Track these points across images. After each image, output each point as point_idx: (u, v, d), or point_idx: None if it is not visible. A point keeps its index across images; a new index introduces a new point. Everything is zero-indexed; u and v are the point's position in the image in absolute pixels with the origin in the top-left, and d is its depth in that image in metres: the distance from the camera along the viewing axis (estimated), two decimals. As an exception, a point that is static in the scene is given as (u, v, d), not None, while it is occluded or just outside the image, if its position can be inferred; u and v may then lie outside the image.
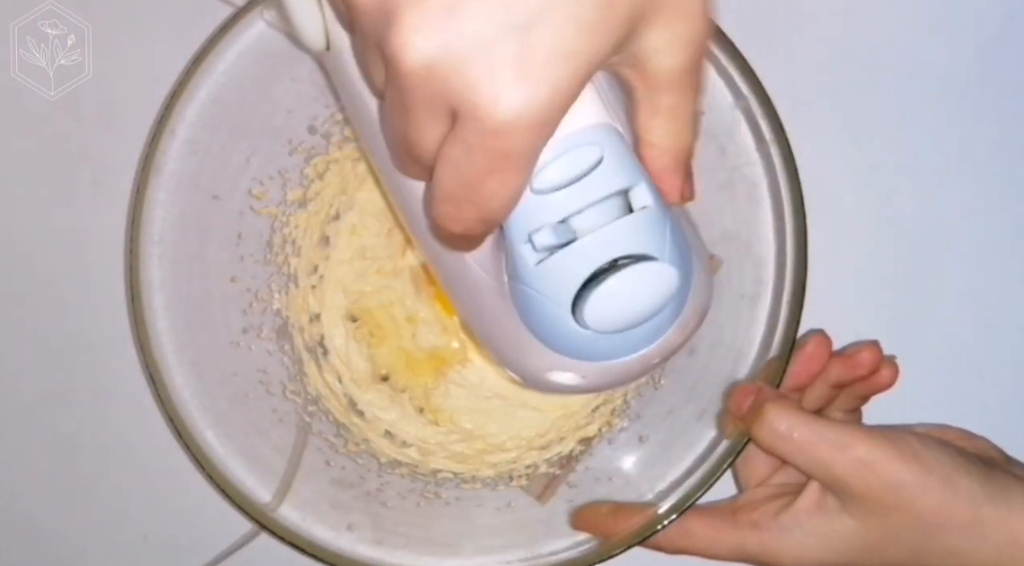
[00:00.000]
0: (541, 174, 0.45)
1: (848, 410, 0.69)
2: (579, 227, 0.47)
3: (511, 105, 0.39)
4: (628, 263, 0.47)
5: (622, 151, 0.47)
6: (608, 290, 0.47)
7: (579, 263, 0.47)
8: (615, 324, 0.49)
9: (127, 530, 0.78)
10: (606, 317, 0.49)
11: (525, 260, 0.48)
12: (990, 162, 0.76)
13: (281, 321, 0.74)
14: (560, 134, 0.44)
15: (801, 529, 0.62)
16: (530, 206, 0.46)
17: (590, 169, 0.46)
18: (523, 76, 0.39)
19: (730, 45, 0.65)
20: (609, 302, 0.48)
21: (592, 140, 0.46)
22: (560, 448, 0.73)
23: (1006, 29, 0.77)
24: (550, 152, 0.45)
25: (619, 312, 0.49)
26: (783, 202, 0.66)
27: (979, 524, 0.60)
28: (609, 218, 0.47)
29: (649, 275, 0.48)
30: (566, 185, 0.46)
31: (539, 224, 0.47)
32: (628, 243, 0.47)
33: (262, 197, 0.71)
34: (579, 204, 0.46)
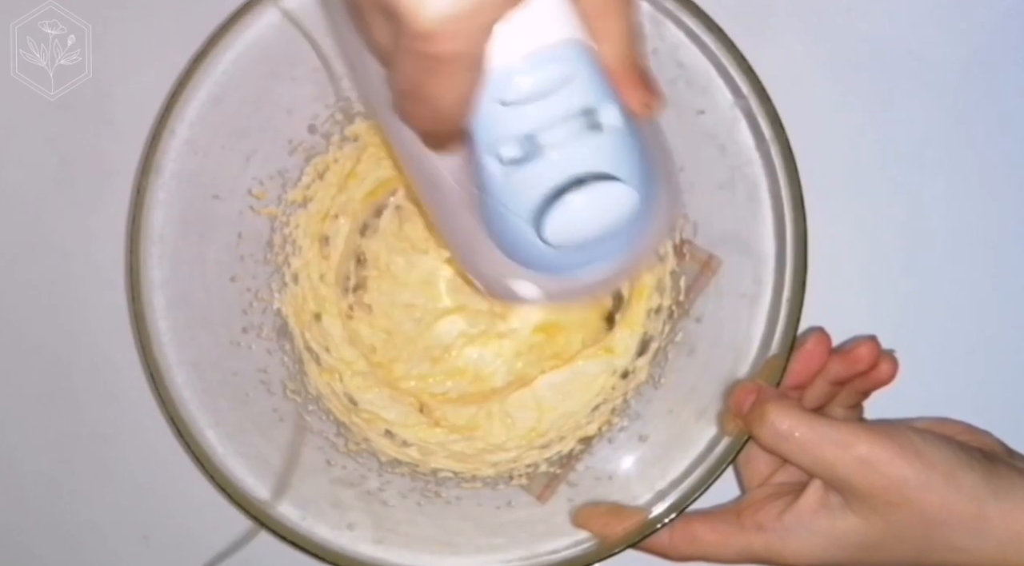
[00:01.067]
0: (510, 86, 0.45)
1: (849, 407, 0.69)
2: (545, 142, 0.46)
3: (431, 11, 0.40)
4: (591, 181, 0.47)
5: (593, 69, 0.47)
6: (568, 206, 0.47)
7: (543, 178, 0.47)
8: (573, 240, 0.49)
9: (128, 529, 0.78)
10: (565, 232, 0.48)
11: (490, 172, 0.48)
12: (991, 160, 0.77)
13: (281, 321, 0.74)
14: (531, 47, 0.45)
15: (806, 529, 0.62)
16: (497, 117, 0.46)
17: (560, 85, 0.46)
18: None
19: (730, 44, 0.65)
20: (569, 218, 0.48)
21: (564, 55, 0.46)
22: (560, 447, 0.73)
23: (1007, 28, 0.77)
24: (520, 65, 0.45)
25: (578, 228, 0.49)
26: (783, 201, 0.66)
27: (982, 519, 0.60)
28: (576, 135, 0.47)
29: (610, 195, 0.48)
30: (535, 99, 0.46)
31: (506, 136, 0.47)
32: (593, 161, 0.47)
33: (262, 197, 0.71)
34: (547, 119, 0.46)
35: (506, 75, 0.45)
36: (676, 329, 0.72)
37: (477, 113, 0.46)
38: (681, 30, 0.66)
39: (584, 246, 0.50)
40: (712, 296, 0.70)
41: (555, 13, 0.45)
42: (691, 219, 0.71)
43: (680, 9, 0.66)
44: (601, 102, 0.47)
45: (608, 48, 0.47)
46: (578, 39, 0.46)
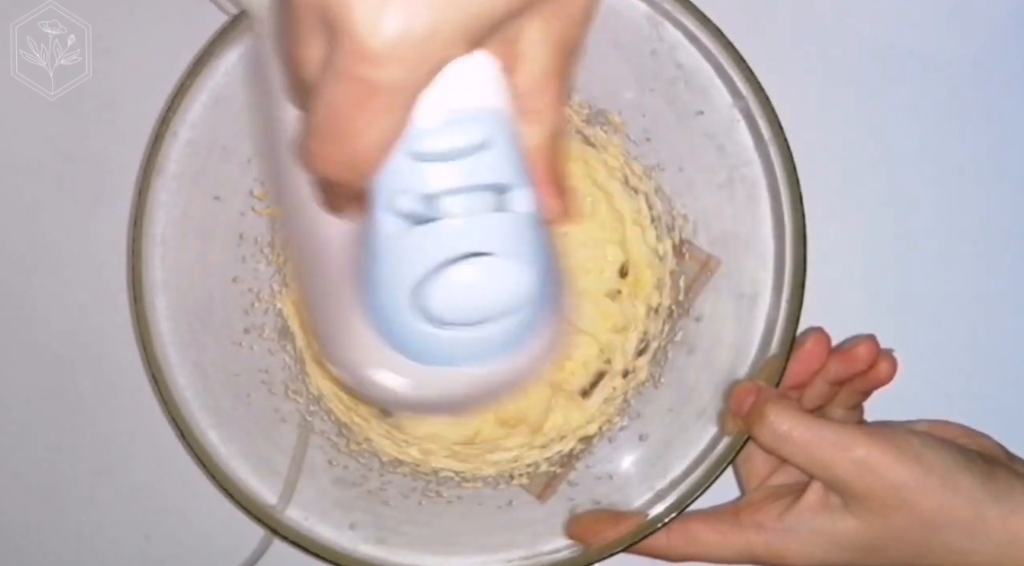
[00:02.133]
0: (422, 139, 0.43)
1: (849, 407, 0.69)
2: (448, 208, 0.43)
3: (385, 31, 0.38)
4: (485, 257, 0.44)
5: (511, 146, 0.44)
6: (458, 275, 0.44)
7: (436, 245, 0.44)
8: (457, 316, 0.46)
9: (129, 529, 0.78)
10: (447, 307, 0.45)
11: (383, 227, 0.45)
12: (990, 160, 0.77)
13: (283, 321, 0.74)
14: (452, 105, 0.42)
15: (806, 529, 0.62)
16: (402, 170, 0.43)
17: (474, 150, 0.43)
18: (401, 9, 0.38)
19: (729, 45, 0.66)
20: (456, 289, 0.44)
21: (484, 122, 0.43)
22: (560, 447, 0.73)
23: (1007, 28, 0.77)
24: (437, 119, 0.43)
25: (463, 304, 0.45)
26: (782, 201, 0.66)
27: (981, 523, 0.60)
28: (481, 209, 0.44)
29: (505, 273, 0.45)
30: (446, 159, 0.43)
31: (404, 188, 0.44)
32: (493, 240, 0.44)
33: (264, 198, 0.71)
34: (454, 183, 0.43)
35: (422, 127, 0.42)
36: (676, 328, 0.72)
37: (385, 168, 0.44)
38: (680, 31, 0.66)
39: (465, 328, 0.47)
40: (712, 296, 0.70)
41: (486, 80, 0.43)
42: (691, 219, 0.71)
43: (679, 10, 0.66)
44: (514, 182, 0.44)
45: (533, 132, 0.45)
46: (503, 109, 0.44)
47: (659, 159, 0.71)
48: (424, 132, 0.43)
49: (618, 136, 0.72)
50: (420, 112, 0.42)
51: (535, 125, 0.45)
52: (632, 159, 0.72)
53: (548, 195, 0.46)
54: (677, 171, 0.71)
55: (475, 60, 0.42)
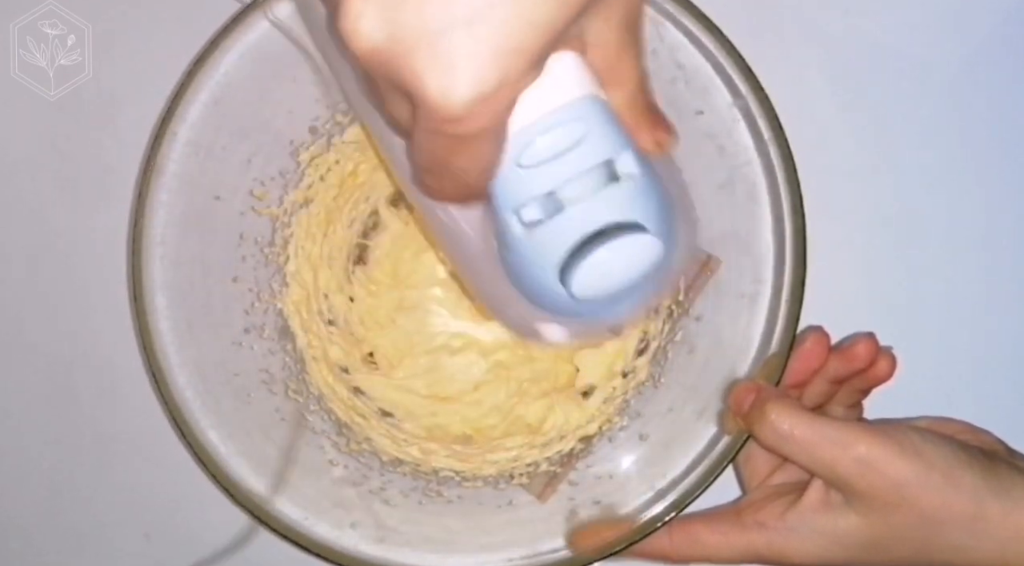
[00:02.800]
0: (527, 150, 0.46)
1: (849, 405, 0.69)
2: (566, 199, 0.47)
3: (456, 98, 0.40)
4: (614, 233, 0.48)
5: (606, 121, 0.47)
6: (593, 261, 0.48)
7: (565, 233, 0.48)
8: (601, 292, 0.50)
9: (129, 529, 0.78)
10: (592, 286, 0.49)
11: (513, 231, 0.49)
12: (989, 159, 0.77)
13: (283, 321, 0.74)
14: (546, 108, 0.45)
15: (809, 527, 0.62)
16: (516, 180, 0.47)
17: (576, 143, 0.46)
18: (468, 69, 0.40)
19: (728, 45, 0.66)
20: (595, 272, 0.48)
21: (577, 114, 0.46)
22: (560, 446, 0.73)
23: (1006, 27, 0.77)
24: (536, 128, 0.45)
25: (605, 281, 0.49)
26: (782, 201, 0.66)
27: (982, 519, 0.60)
28: (595, 188, 0.47)
29: (634, 246, 0.48)
30: (552, 158, 0.46)
31: (526, 197, 0.47)
32: (613, 212, 0.48)
33: (263, 198, 0.71)
34: (565, 176, 0.47)
35: (523, 139, 0.45)
36: (676, 328, 0.72)
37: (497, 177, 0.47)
38: (680, 31, 0.66)
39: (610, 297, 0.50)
40: (712, 295, 0.70)
41: (566, 72, 0.45)
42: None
43: (679, 10, 0.66)
44: (617, 152, 0.47)
45: (619, 95, 0.48)
46: (589, 94, 0.46)
47: (659, 159, 0.71)
48: (526, 143, 0.46)
49: (618, 136, 0.72)
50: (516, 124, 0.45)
51: (621, 88, 0.48)
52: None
53: (645, 135, 0.49)
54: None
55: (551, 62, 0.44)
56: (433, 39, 0.39)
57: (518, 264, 0.51)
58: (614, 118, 0.48)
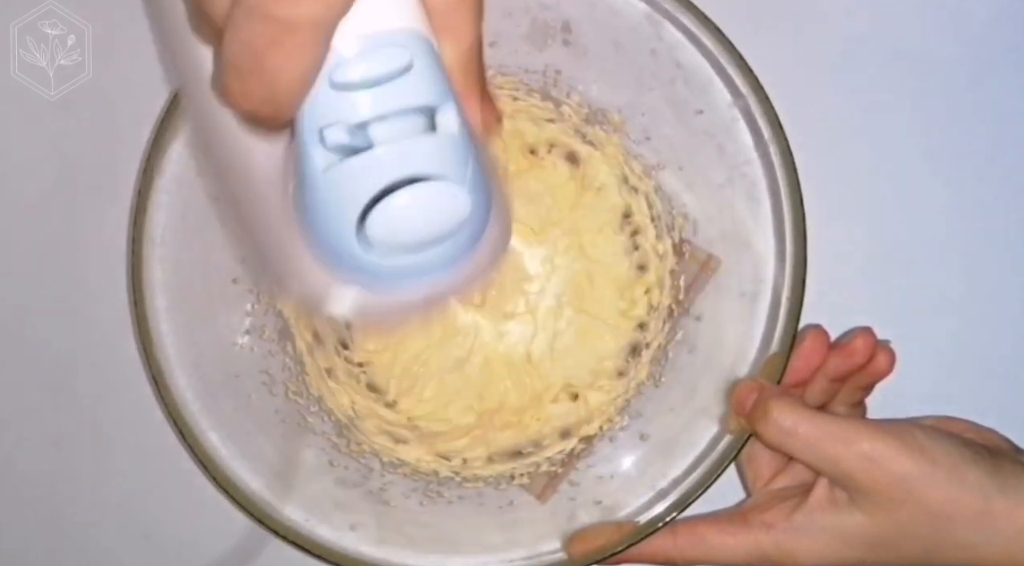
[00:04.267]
0: (342, 68, 0.42)
1: (851, 404, 0.69)
2: (377, 136, 0.43)
3: None
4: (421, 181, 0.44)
5: (433, 65, 0.44)
6: (395, 203, 0.44)
7: (371, 174, 0.43)
8: (400, 242, 0.46)
9: (129, 530, 0.78)
10: (391, 234, 0.45)
11: (314, 162, 0.44)
12: (989, 158, 0.77)
13: (283, 322, 0.74)
14: (368, 29, 0.42)
15: (816, 527, 0.62)
16: (326, 101, 0.42)
17: (397, 74, 0.43)
18: None
19: (728, 44, 0.66)
20: (394, 216, 0.44)
21: (403, 44, 0.43)
22: (561, 446, 0.73)
23: (1005, 26, 0.77)
24: (355, 46, 0.42)
25: (405, 230, 0.45)
26: (782, 200, 0.66)
27: (989, 515, 0.60)
28: (410, 133, 0.44)
29: (440, 197, 0.45)
30: (369, 85, 0.43)
31: (333, 120, 0.43)
32: (427, 163, 0.44)
33: (263, 198, 0.71)
34: (380, 109, 0.43)
35: (341, 55, 0.42)
36: (676, 328, 0.72)
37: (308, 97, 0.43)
38: (679, 30, 0.66)
39: (408, 251, 0.47)
40: (712, 294, 0.70)
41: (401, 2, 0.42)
42: (691, 218, 0.71)
43: (678, 9, 0.66)
44: (439, 102, 0.44)
45: (451, 48, 0.44)
46: (420, 31, 0.43)
47: (659, 158, 0.71)
48: (345, 60, 0.42)
49: (618, 135, 0.72)
50: (339, 40, 0.41)
51: (453, 42, 0.44)
52: (632, 158, 0.72)
53: (474, 106, 0.46)
54: (677, 170, 0.71)
55: None
56: None
57: (314, 205, 0.46)
58: (440, 66, 0.44)
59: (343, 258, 0.47)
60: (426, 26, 0.43)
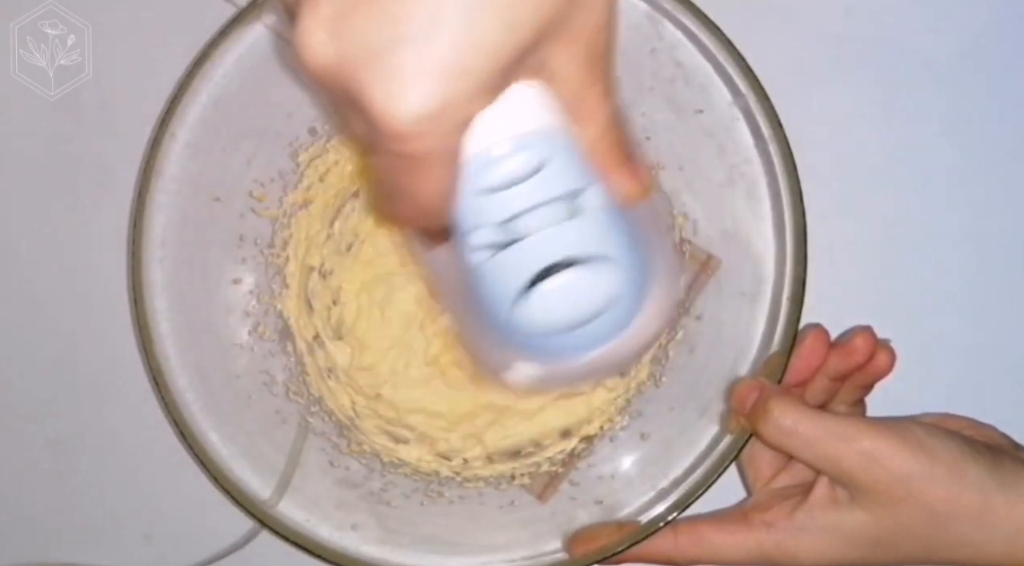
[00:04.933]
0: (484, 174, 0.45)
1: (851, 403, 0.69)
2: (522, 229, 0.46)
3: (404, 112, 0.39)
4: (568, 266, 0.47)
5: (570, 153, 0.46)
6: (543, 293, 0.47)
7: (519, 264, 0.47)
8: (551, 326, 0.49)
9: (129, 529, 0.78)
10: (542, 319, 0.49)
11: (472, 259, 0.48)
12: (990, 157, 0.77)
13: (283, 322, 0.74)
14: (506, 134, 0.44)
15: (817, 526, 0.62)
16: (474, 206, 0.46)
17: (535, 170, 0.45)
18: (413, 86, 0.39)
19: (728, 43, 0.65)
20: (545, 304, 0.48)
21: (538, 143, 0.45)
22: (562, 446, 0.73)
23: (1004, 27, 0.77)
24: (495, 153, 0.45)
25: (555, 314, 0.48)
26: (782, 199, 0.66)
27: (989, 512, 0.60)
28: (553, 221, 0.46)
29: (587, 279, 0.48)
30: (510, 186, 0.45)
31: (480, 223, 0.47)
32: (571, 246, 0.47)
33: (263, 199, 0.71)
34: (523, 205, 0.46)
35: (480, 164, 0.45)
36: (676, 327, 0.72)
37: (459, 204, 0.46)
38: (679, 29, 0.66)
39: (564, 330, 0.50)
40: (712, 294, 0.70)
41: (529, 102, 0.44)
42: (690, 218, 0.71)
43: (678, 8, 0.65)
44: (580, 185, 0.47)
45: (587, 131, 0.47)
46: (552, 125, 0.45)
47: (659, 158, 0.71)
48: (485, 167, 0.45)
49: (618, 135, 0.72)
50: (478, 148, 0.44)
51: (588, 125, 0.46)
52: (632, 158, 0.72)
53: (618, 179, 0.48)
54: (677, 170, 0.71)
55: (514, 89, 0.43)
56: (380, 56, 0.39)
57: (479, 294, 0.50)
58: (576, 153, 0.47)
59: (510, 339, 0.51)
60: (559, 118, 0.46)
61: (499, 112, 0.43)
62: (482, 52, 0.39)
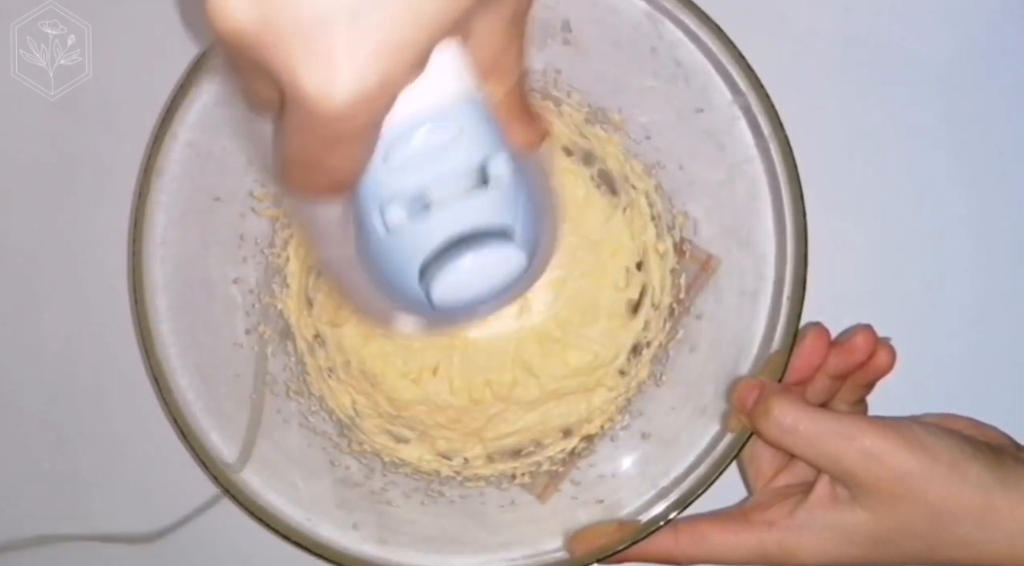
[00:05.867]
0: (396, 147, 0.44)
1: (853, 402, 0.69)
2: (433, 201, 0.45)
3: (336, 97, 0.37)
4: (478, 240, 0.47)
5: (480, 122, 0.45)
6: (454, 271, 0.47)
7: (429, 236, 0.47)
8: (460, 302, 0.49)
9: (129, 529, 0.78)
10: (452, 295, 0.48)
11: (376, 230, 0.47)
12: (989, 156, 0.77)
13: (283, 322, 0.74)
14: (420, 104, 0.43)
15: (818, 524, 0.62)
16: (383, 178, 0.45)
17: (447, 143, 0.44)
18: (350, 67, 0.37)
19: (728, 42, 0.65)
20: (455, 282, 0.47)
21: (451, 113, 0.44)
22: (563, 445, 0.73)
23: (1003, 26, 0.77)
24: (408, 124, 0.43)
25: (464, 292, 0.48)
26: (782, 198, 0.66)
27: (991, 511, 0.60)
28: (463, 190, 0.46)
29: (496, 258, 0.47)
30: (421, 158, 0.44)
31: (392, 195, 0.45)
32: (480, 216, 0.46)
33: (263, 199, 0.71)
34: (433, 177, 0.45)
35: (394, 135, 0.43)
36: (677, 326, 0.72)
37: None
38: (679, 28, 0.66)
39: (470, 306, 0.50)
40: (713, 293, 0.70)
41: (445, 66, 0.42)
42: (691, 217, 0.71)
43: (678, 7, 0.66)
44: (489, 153, 0.45)
45: (498, 89, 0.45)
46: (466, 93, 0.44)
47: (659, 157, 0.71)
48: (396, 140, 0.43)
49: (618, 134, 0.72)
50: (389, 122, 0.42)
51: (501, 81, 0.45)
52: (632, 157, 0.72)
53: (520, 129, 0.47)
54: (677, 169, 0.71)
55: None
56: (311, 29, 0.36)
57: (379, 263, 0.49)
58: (489, 119, 0.46)
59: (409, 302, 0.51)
60: (473, 84, 0.45)
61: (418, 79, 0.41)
62: (421, 24, 0.38)
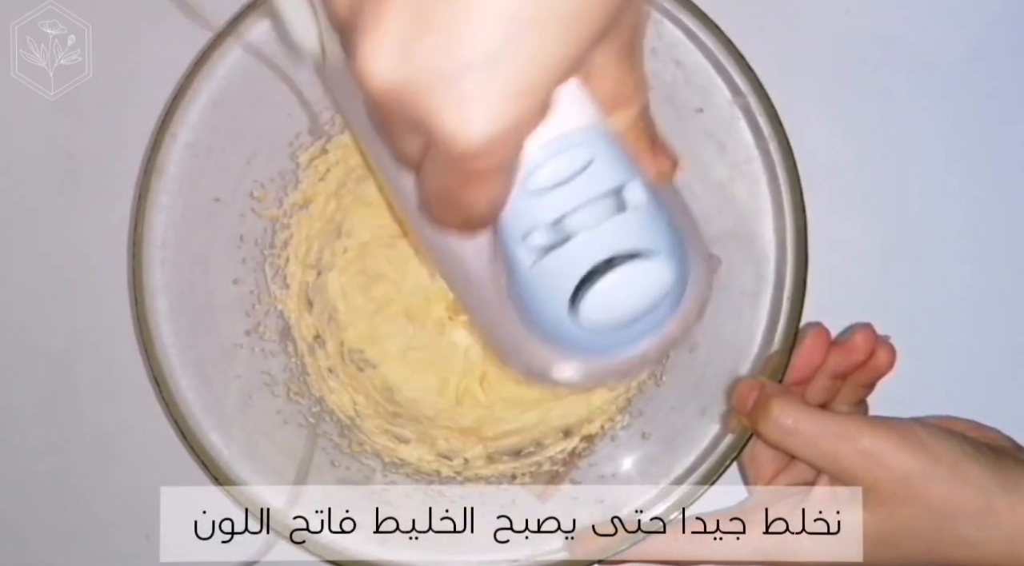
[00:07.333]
0: (532, 176, 0.46)
1: (853, 403, 0.69)
2: (573, 227, 0.47)
3: (473, 136, 0.40)
4: (622, 261, 0.48)
5: (611, 149, 0.47)
6: (602, 289, 0.48)
7: (573, 262, 0.48)
8: (611, 322, 0.50)
9: (129, 529, 0.78)
10: (602, 315, 0.49)
11: (520, 261, 0.48)
12: (990, 156, 0.77)
13: (284, 323, 0.74)
14: (551, 136, 0.45)
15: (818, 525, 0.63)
16: (522, 207, 0.47)
17: (581, 169, 0.46)
18: (484, 110, 0.40)
19: (728, 42, 0.65)
20: (604, 300, 0.48)
21: (581, 141, 0.46)
22: (564, 445, 0.73)
23: (1003, 26, 0.77)
24: (541, 155, 0.45)
25: (615, 310, 0.49)
26: (783, 198, 0.66)
27: (991, 512, 0.60)
28: (602, 217, 0.47)
29: (643, 273, 0.48)
30: (558, 186, 0.46)
31: (532, 225, 0.47)
32: (622, 240, 0.48)
33: (263, 199, 0.71)
34: (572, 204, 0.47)
35: (529, 166, 0.45)
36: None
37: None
38: (679, 29, 0.66)
39: (620, 327, 0.50)
40: (713, 293, 0.70)
41: (570, 101, 0.45)
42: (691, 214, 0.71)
43: (678, 8, 0.66)
44: (624, 180, 0.47)
45: (621, 121, 0.48)
46: (594, 123, 0.46)
47: (659, 157, 0.71)
48: (533, 170, 0.46)
49: (618, 134, 0.72)
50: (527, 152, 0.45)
51: (624, 113, 0.48)
52: (632, 157, 0.72)
53: (650, 162, 0.50)
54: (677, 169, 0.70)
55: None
56: (450, 80, 0.39)
57: (526, 296, 0.50)
58: (619, 147, 0.48)
59: (559, 338, 0.52)
60: (598, 115, 0.47)
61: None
62: (547, 67, 0.40)
